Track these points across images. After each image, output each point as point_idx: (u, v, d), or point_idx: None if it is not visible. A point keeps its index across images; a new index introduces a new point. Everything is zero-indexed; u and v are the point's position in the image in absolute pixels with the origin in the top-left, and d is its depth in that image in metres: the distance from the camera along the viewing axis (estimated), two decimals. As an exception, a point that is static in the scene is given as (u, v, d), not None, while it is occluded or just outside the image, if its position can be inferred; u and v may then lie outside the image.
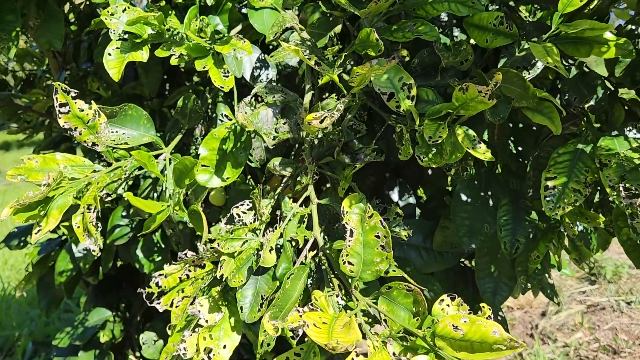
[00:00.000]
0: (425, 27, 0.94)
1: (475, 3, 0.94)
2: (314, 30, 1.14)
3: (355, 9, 0.97)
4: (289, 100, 0.95)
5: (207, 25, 1.05)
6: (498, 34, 0.90)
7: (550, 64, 0.78)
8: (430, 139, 0.82)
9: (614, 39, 0.82)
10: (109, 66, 0.97)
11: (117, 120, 1.00)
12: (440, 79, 0.93)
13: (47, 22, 1.22)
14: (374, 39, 0.90)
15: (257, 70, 1.15)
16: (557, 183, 0.88)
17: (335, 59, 0.98)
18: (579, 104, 0.92)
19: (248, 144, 0.97)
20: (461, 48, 0.91)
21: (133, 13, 0.99)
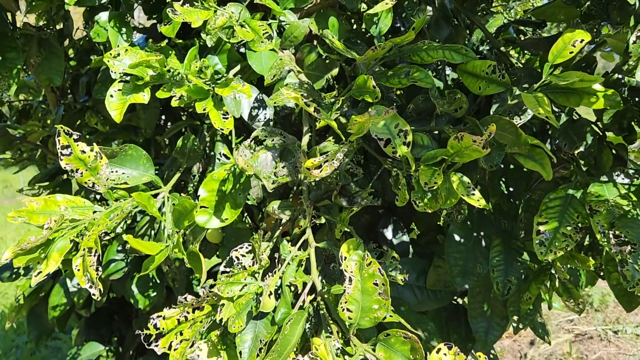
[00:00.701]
0: (420, 74, 0.97)
1: (468, 51, 0.97)
2: (311, 72, 1.17)
3: (353, 54, 1.00)
4: (288, 143, 0.98)
5: (207, 67, 1.07)
6: (491, 82, 0.93)
7: (542, 114, 0.81)
8: (425, 185, 0.84)
9: (602, 90, 0.86)
10: (110, 107, 0.98)
11: (117, 160, 1.02)
12: (435, 125, 0.96)
13: (47, 59, 1.24)
14: (370, 85, 0.93)
15: (255, 110, 1.18)
16: (548, 228, 0.90)
17: (332, 102, 1.00)
18: (569, 150, 0.95)
19: (247, 186, 0.99)
20: (455, 97, 0.94)
21: (135, 56, 1.01)
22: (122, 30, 1.17)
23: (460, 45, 0.98)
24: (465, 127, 0.93)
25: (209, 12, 1.00)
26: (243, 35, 0.99)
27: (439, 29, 1.13)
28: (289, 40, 1.23)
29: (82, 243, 0.85)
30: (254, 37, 1.00)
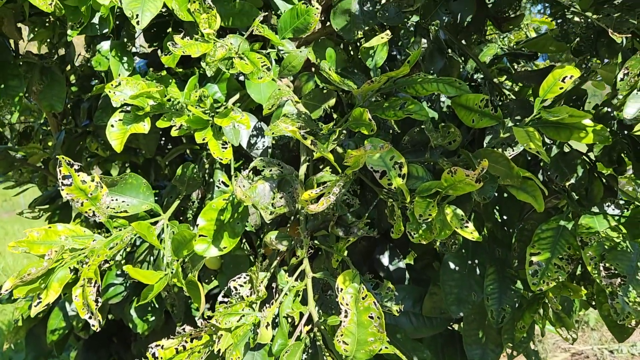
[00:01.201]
0: (415, 106, 0.99)
1: (461, 85, 1.00)
2: (309, 102, 1.20)
3: (350, 86, 1.02)
4: (285, 173, 1.00)
5: (207, 96, 1.10)
6: (483, 115, 0.95)
7: (533, 149, 0.83)
8: (420, 217, 0.86)
9: (591, 125, 0.88)
10: (111, 137, 1.00)
11: (118, 188, 1.04)
12: (429, 157, 0.98)
13: (49, 86, 1.26)
14: (366, 118, 0.95)
15: (254, 138, 1.20)
16: (541, 259, 0.92)
17: (329, 133, 1.02)
18: (560, 182, 0.97)
19: (245, 215, 1.00)
20: (449, 130, 0.96)
21: (136, 86, 1.03)
22: (124, 59, 1.19)
23: (453, 79, 1.00)
24: (459, 159, 0.95)
25: (209, 44, 1.02)
26: (242, 68, 1.01)
27: (433, 61, 1.15)
28: (287, 69, 1.25)
29: (82, 272, 0.86)
30: (253, 69, 1.03)
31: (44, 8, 0.86)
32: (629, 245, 0.86)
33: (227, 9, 1.22)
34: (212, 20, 1.03)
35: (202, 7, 1.02)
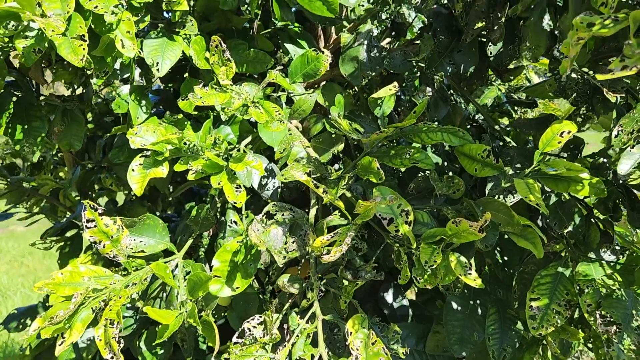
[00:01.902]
0: (420, 155, 1.04)
1: (465, 134, 1.05)
2: (318, 145, 1.25)
3: (358, 136, 1.08)
4: (297, 217, 1.04)
5: (222, 141, 1.15)
6: (486, 165, 1.01)
7: (532, 202, 0.88)
8: (426, 264, 0.91)
9: (588, 178, 0.93)
10: (132, 181, 1.05)
11: (136, 229, 1.08)
12: (434, 204, 1.03)
13: (69, 126, 1.32)
14: (375, 167, 1.01)
15: (265, 179, 1.25)
16: (540, 304, 0.97)
17: (339, 179, 1.08)
18: (559, 229, 1.02)
19: (257, 256, 1.05)
20: (453, 181, 1.01)
21: (156, 133, 1.08)
22: (142, 103, 1.25)
23: (457, 128, 1.06)
24: (462, 207, 1.00)
25: (227, 95, 1.08)
26: (257, 117, 1.07)
27: (437, 109, 1.21)
28: (297, 112, 1.31)
29: (103, 313, 0.90)
30: (267, 118, 1.08)
31: (76, 63, 0.92)
32: (623, 293, 0.91)
33: (242, 56, 1.28)
34: (230, 72, 1.09)
35: (220, 59, 1.08)
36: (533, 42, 0.97)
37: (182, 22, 1.25)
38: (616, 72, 0.57)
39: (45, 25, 0.85)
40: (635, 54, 0.57)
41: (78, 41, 0.96)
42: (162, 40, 1.20)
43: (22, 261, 6.39)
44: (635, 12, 0.61)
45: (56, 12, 0.96)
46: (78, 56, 0.94)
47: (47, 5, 0.96)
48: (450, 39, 1.20)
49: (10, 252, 6.56)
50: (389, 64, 1.28)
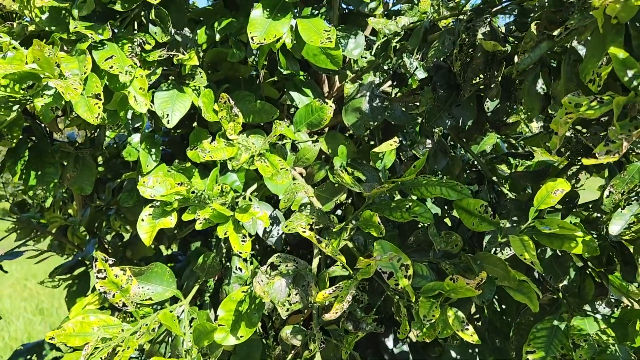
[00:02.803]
0: (420, 209, 1.08)
1: (463, 189, 1.09)
2: (321, 194, 1.29)
3: (361, 189, 1.12)
4: (300, 268, 1.08)
5: (229, 190, 1.19)
6: (483, 220, 1.04)
7: (527, 260, 0.92)
8: (424, 318, 0.94)
9: (581, 236, 0.97)
10: (141, 231, 1.10)
11: (144, 277, 1.12)
12: (433, 257, 1.07)
13: (81, 172, 1.36)
14: (376, 221, 1.05)
15: (269, 226, 1.29)
16: (536, 357, 0.99)
17: (341, 231, 1.11)
18: (554, 283, 1.05)
19: (261, 306, 1.08)
20: (451, 237, 1.05)
21: (165, 184, 1.13)
22: (152, 151, 1.30)
23: (455, 182, 1.10)
24: (460, 261, 1.04)
25: (234, 149, 1.12)
26: (262, 171, 1.11)
27: (437, 160, 1.26)
28: (301, 160, 1.36)
29: (112, 363, 0.93)
30: (272, 171, 1.13)
31: (91, 121, 0.97)
32: (617, 349, 0.94)
33: (249, 107, 1.33)
34: (237, 127, 1.13)
35: (228, 115, 1.13)
36: (527, 104, 1.01)
37: (192, 73, 1.30)
38: (600, 157, 0.61)
39: (63, 89, 0.90)
40: (618, 139, 0.61)
41: (93, 100, 1.01)
42: (173, 92, 1.25)
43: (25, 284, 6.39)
44: (618, 97, 0.65)
45: (74, 72, 1.01)
46: (93, 114, 0.99)
47: (65, 66, 1.01)
48: (449, 93, 1.25)
49: (14, 274, 6.56)
50: (390, 116, 1.33)
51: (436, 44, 1.24)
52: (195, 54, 1.23)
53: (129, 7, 1.07)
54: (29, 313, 5.43)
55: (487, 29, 1.15)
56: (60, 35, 1.07)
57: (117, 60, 1.05)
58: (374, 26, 1.38)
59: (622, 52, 0.69)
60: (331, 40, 1.15)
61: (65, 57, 1.04)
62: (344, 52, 1.46)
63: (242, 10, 1.53)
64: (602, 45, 0.78)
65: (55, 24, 1.10)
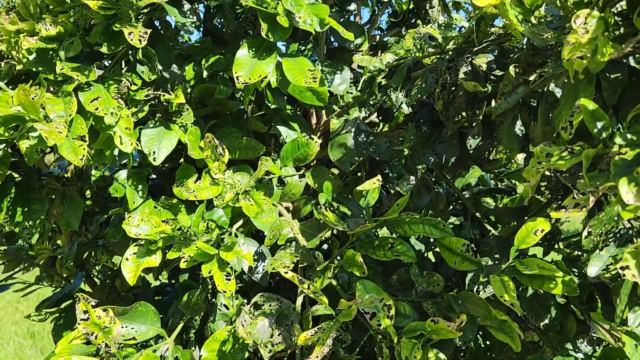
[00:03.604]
0: (402, 247, 1.09)
1: (445, 227, 1.10)
2: (307, 230, 1.30)
3: (344, 227, 1.13)
4: (284, 308, 1.08)
5: (214, 228, 1.20)
6: (465, 259, 1.05)
7: (507, 301, 0.93)
8: (406, 359, 0.94)
9: (561, 276, 0.98)
10: (125, 270, 1.10)
11: (128, 316, 1.11)
12: (415, 296, 1.07)
13: (67, 208, 1.37)
14: (358, 261, 1.05)
15: (255, 262, 1.29)
16: (518, 397, 1.00)
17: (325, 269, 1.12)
18: (535, 322, 1.06)
19: (245, 346, 1.08)
20: (432, 278, 1.05)
21: (151, 223, 1.13)
22: (139, 188, 1.31)
23: (438, 220, 1.11)
24: (442, 300, 1.04)
25: (219, 187, 1.13)
26: (247, 210, 1.12)
27: (421, 197, 1.27)
28: (287, 196, 1.37)
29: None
30: (257, 210, 1.13)
31: (76, 162, 0.98)
32: (598, 390, 0.94)
33: (235, 144, 1.34)
34: (222, 167, 1.14)
35: (213, 154, 1.14)
36: (506, 145, 1.03)
37: (179, 110, 1.31)
38: (569, 210, 0.63)
39: (47, 133, 0.91)
40: (587, 192, 0.63)
41: (78, 141, 1.02)
42: (160, 129, 1.26)
43: (16, 307, 6.30)
44: (588, 149, 0.67)
45: (59, 114, 1.02)
46: (78, 156, 1.00)
47: (50, 108, 1.03)
48: (433, 130, 1.27)
49: (5, 297, 6.47)
50: (374, 151, 1.35)
51: (419, 82, 1.26)
52: (182, 92, 1.25)
53: (115, 49, 1.09)
54: (20, 337, 5.35)
55: (469, 69, 1.17)
56: (47, 76, 1.09)
57: (103, 101, 1.06)
58: (359, 64, 1.40)
59: (592, 104, 0.70)
60: (315, 79, 1.17)
61: (52, 98, 1.05)
62: (330, 88, 1.48)
63: (230, 46, 1.56)
64: (574, 94, 0.80)
65: (42, 65, 1.12)
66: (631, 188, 0.57)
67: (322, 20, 1.22)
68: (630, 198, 0.57)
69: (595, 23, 0.68)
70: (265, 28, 1.17)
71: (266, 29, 1.17)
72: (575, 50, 0.68)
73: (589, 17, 0.69)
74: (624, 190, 0.57)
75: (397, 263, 1.20)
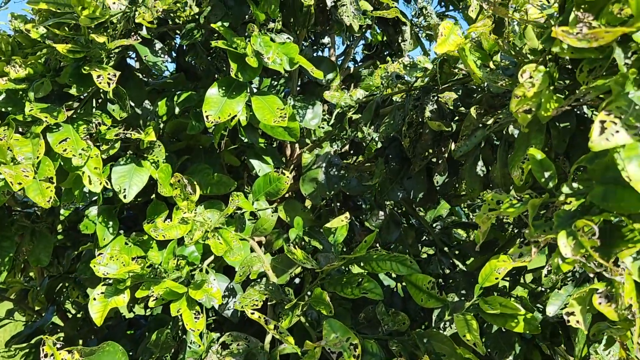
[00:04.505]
0: (370, 284, 1.10)
1: (412, 264, 1.12)
2: (277, 266, 1.30)
3: (313, 265, 1.14)
4: (252, 347, 1.08)
5: (184, 266, 1.20)
6: (431, 296, 1.07)
7: (470, 341, 0.94)
8: (372, 400, 0.95)
9: (523, 314, 1.00)
10: (93, 310, 1.09)
11: (95, 357, 1.11)
12: (382, 334, 1.08)
13: (37, 244, 1.36)
14: (326, 299, 1.06)
15: (225, 298, 1.29)
16: None
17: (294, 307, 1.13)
18: (499, 359, 1.08)
19: (213, 386, 1.08)
20: (397, 317, 1.07)
21: (120, 261, 1.13)
22: (109, 224, 1.31)
23: (406, 257, 1.13)
24: (408, 339, 1.05)
25: (188, 226, 1.14)
26: (215, 249, 1.13)
27: (390, 232, 1.29)
28: (259, 231, 1.38)
29: None
30: (225, 249, 1.14)
31: (43, 205, 0.98)
32: None
33: (206, 180, 1.35)
34: (191, 206, 1.15)
35: (183, 193, 1.15)
36: (468, 185, 1.06)
37: (151, 147, 1.32)
38: (515, 259, 0.65)
39: (12, 178, 0.92)
40: (531, 242, 0.65)
41: (46, 183, 1.02)
42: (130, 166, 1.27)
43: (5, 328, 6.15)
44: (533, 200, 0.69)
45: (27, 156, 1.03)
46: (45, 198, 1.01)
47: (18, 150, 1.03)
48: (401, 166, 1.30)
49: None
50: (345, 186, 1.37)
51: (387, 119, 1.29)
52: (153, 130, 1.26)
53: (85, 90, 1.10)
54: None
55: (434, 107, 1.20)
56: (16, 117, 1.09)
57: (72, 142, 1.07)
58: (329, 100, 1.43)
59: (540, 154, 0.73)
60: (284, 118, 1.19)
61: (20, 139, 1.06)
62: (302, 123, 1.50)
63: (204, 81, 1.58)
64: (527, 141, 0.82)
65: (12, 105, 1.12)
66: (569, 242, 0.59)
67: (291, 59, 1.24)
68: (567, 252, 0.59)
69: (541, 77, 0.71)
70: (234, 68, 1.19)
71: (235, 69, 1.20)
72: (521, 103, 0.71)
73: (534, 72, 0.72)
74: (562, 243, 0.60)
75: (367, 299, 1.21)
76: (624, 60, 0.65)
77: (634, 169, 0.55)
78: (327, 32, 1.83)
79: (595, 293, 0.63)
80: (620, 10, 0.63)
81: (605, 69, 0.67)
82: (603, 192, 0.61)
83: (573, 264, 0.60)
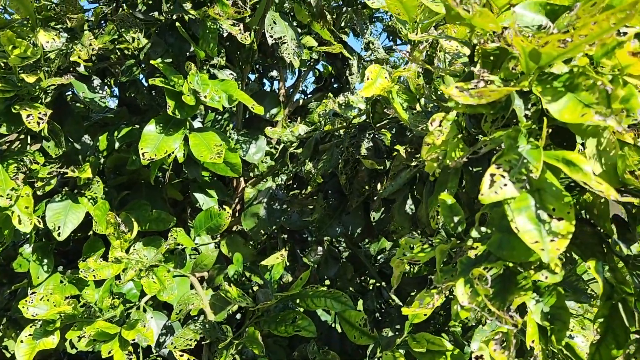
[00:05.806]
0: (304, 322, 1.11)
1: (347, 300, 1.13)
2: (216, 303, 1.30)
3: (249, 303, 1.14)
4: (184, 388, 1.07)
5: (119, 305, 1.19)
6: (363, 333, 1.08)
7: (397, 378, 0.95)
8: None
9: (450, 350, 1.01)
10: (19, 353, 1.07)
11: (22, 402, 1.08)
12: (315, 372, 1.09)
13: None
14: (258, 338, 1.06)
15: (163, 336, 1.28)
16: None
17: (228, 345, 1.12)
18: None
19: None
20: (328, 357, 1.07)
21: (50, 301, 1.11)
22: (44, 262, 1.28)
23: (340, 293, 1.14)
24: (341, 376, 1.06)
25: (120, 265, 1.13)
26: (148, 289, 1.12)
27: (328, 268, 1.30)
28: (200, 267, 1.37)
29: None
30: (159, 288, 1.13)
31: (-36, 248, 0.96)
32: None
33: (145, 216, 1.35)
34: (125, 245, 1.15)
35: (116, 232, 1.15)
36: (398, 223, 1.08)
37: (89, 182, 1.31)
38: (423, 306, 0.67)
39: None
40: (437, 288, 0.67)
41: (-29, 224, 1.00)
42: (66, 203, 1.26)
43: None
44: (441, 245, 0.71)
45: (-49, 197, 1.01)
46: (-31, 240, 0.99)
47: (-58, 190, 1.01)
48: (340, 202, 1.31)
49: None
50: (286, 221, 1.38)
51: (325, 156, 1.31)
52: (89, 167, 1.25)
53: (15, 129, 1.09)
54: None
55: (370, 144, 1.23)
56: (-57, 156, 1.07)
57: (0, 182, 1.05)
58: (270, 136, 1.44)
59: (450, 199, 0.76)
60: (220, 155, 1.19)
61: (-55, 179, 1.04)
62: (245, 157, 1.51)
63: (148, 116, 1.58)
64: (444, 184, 0.85)
65: (-60, 144, 1.10)
66: (466, 290, 0.62)
67: (230, 96, 1.26)
68: (464, 300, 0.61)
69: (449, 126, 0.74)
70: (171, 105, 1.20)
71: (173, 106, 1.21)
72: (431, 151, 0.74)
73: (444, 121, 0.75)
74: (460, 291, 0.62)
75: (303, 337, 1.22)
76: (524, 112, 0.68)
77: (522, 221, 0.58)
78: (275, 66, 1.85)
79: (492, 340, 0.66)
80: (514, 67, 0.67)
81: (506, 120, 0.71)
82: (499, 240, 0.63)
83: (469, 312, 0.62)
